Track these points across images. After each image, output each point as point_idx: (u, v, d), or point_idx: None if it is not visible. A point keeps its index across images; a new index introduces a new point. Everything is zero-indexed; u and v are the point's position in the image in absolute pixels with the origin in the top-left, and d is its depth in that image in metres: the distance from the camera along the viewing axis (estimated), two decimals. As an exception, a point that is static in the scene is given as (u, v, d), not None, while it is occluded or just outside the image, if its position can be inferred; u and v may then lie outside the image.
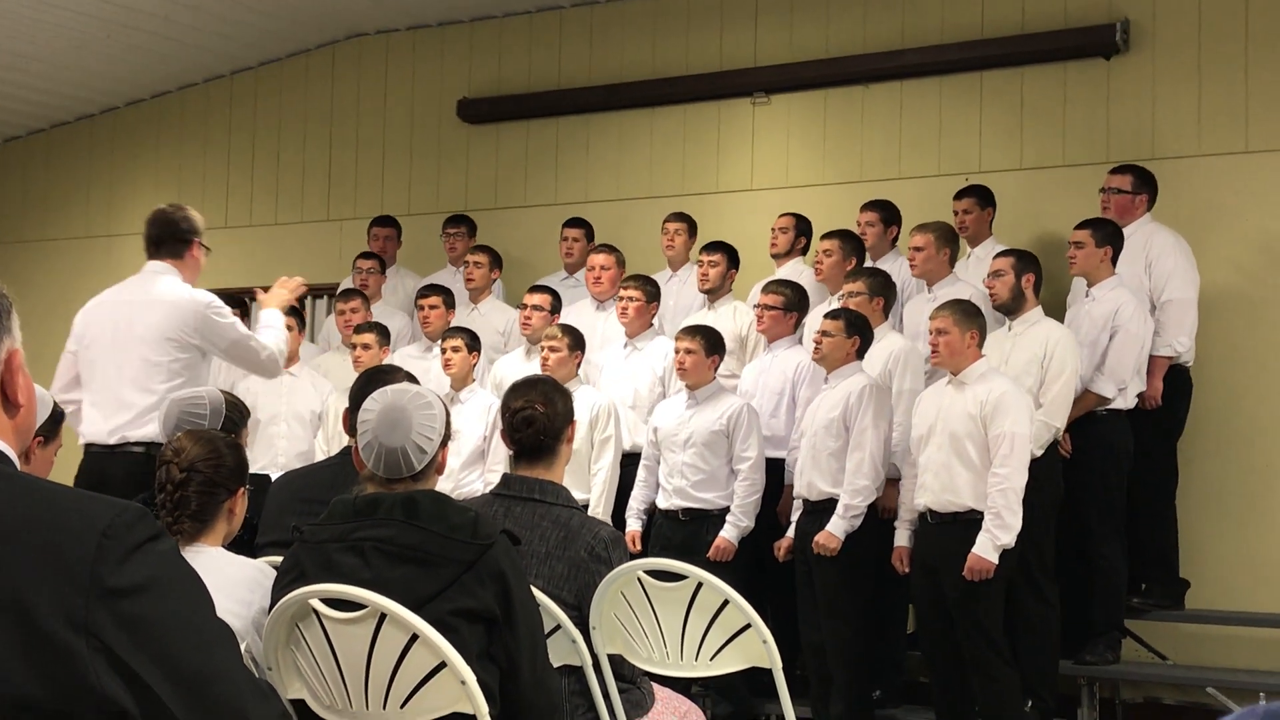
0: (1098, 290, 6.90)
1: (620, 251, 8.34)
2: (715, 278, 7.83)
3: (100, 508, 1.79)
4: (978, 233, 7.64)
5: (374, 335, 7.83)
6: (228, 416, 4.59)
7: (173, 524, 3.43)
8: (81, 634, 1.71)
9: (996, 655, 6.09)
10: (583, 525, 4.04)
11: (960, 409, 6.15)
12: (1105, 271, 6.90)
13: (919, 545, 6.36)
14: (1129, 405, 6.82)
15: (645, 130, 9.42)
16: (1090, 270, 6.91)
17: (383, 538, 3.19)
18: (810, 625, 6.64)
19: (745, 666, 4.14)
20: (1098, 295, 6.89)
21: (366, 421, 3.36)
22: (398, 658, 3.08)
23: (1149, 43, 7.96)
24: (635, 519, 7.15)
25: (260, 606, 3.36)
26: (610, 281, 8.17)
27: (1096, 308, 6.85)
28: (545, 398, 4.14)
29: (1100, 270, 6.90)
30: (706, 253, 7.92)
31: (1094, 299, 6.90)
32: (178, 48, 10.28)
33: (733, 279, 7.91)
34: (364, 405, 3.42)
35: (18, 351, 1.93)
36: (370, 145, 10.39)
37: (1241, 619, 7.24)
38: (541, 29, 9.81)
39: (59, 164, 11.60)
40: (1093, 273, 6.92)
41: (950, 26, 8.49)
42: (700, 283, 7.91)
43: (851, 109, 8.78)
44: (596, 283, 8.19)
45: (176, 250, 5.96)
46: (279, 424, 7.90)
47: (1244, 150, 7.65)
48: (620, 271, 8.21)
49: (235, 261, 10.67)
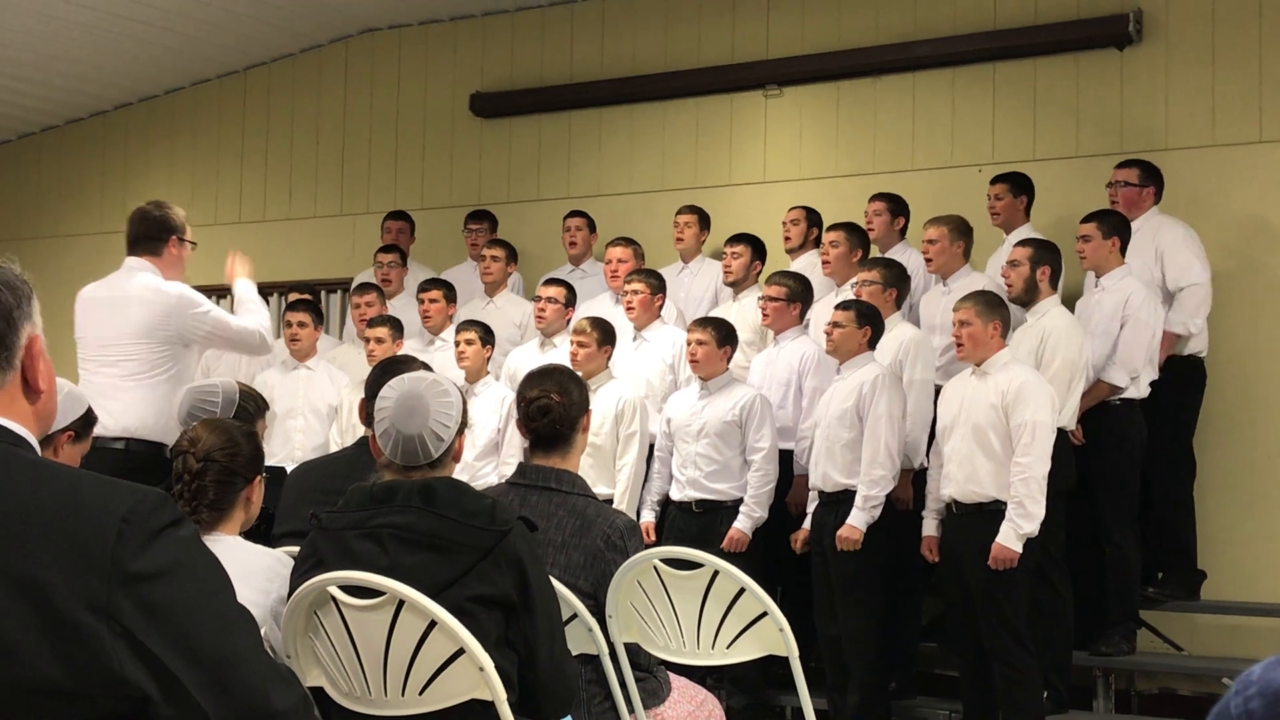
0: (1107, 280, 6.89)
1: (638, 244, 8.35)
2: (739, 269, 7.85)
3: (121, 493, 1.80)
4: (1011, 219, 7.50)
5: (387, 329, 7.83)
6: (241, 406, 4.62)
7: (190, 513, 3.44)
8: (103, 618, 1.72)
9: (1019, 645, 6.07)
10: (598, 514, 4.04)
11: (983, 399, 6.13)
12: (1114, 262, 6.89)
13: (945, 536, 6.35)
14: (1142, 395, 6.81)
15: (658, 123, 9.42)
16: (1100, 262, 6.90)
17: (400, 524, 3.19)
18: (826, 617, 6.63)
19: (762, 655, 4.15)
20: (1107, 285, 6.88)
21: (384, 409, 3.37)
22: (416, 644, 3.09)
23: (1161, 33, 7.94)
24: (649, 510, 7.15)
25: (279, 595, 3.37)
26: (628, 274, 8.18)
27: (1106, 298, 6.84)
28: (561, 387, 4.15)
29: (1109, 261, 6.89)
30: (730, 244, 7.93)
31: (1104, 289, 6.89)
32: (191, 44, 10.30)
33: (758, 270, 7.91)
34: (381, 393, 3.42)
35: (39, 337, 1.95)
36: (383, 140, 10.40)
37: (1258, 609, 7.22)
38: (553, 23, 9.82)
39: (74, 160, 11.64)
40: (1102, 264, 6.90)
41: (962, 18, 8.48)
42: (725, 274, 7.93)
43: (864, 101, 8.78)
44: (614, 276, 8.19)
45: (153, 247, 6.08)
46: (296, 417, 7.92)
47: (1257, 140, 7.64)
48: (639, 264, 8.22)
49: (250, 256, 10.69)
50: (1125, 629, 6.78)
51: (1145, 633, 7.08)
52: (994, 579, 6.03)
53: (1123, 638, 6.75)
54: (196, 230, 8.96)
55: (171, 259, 6.11)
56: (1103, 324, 6.77)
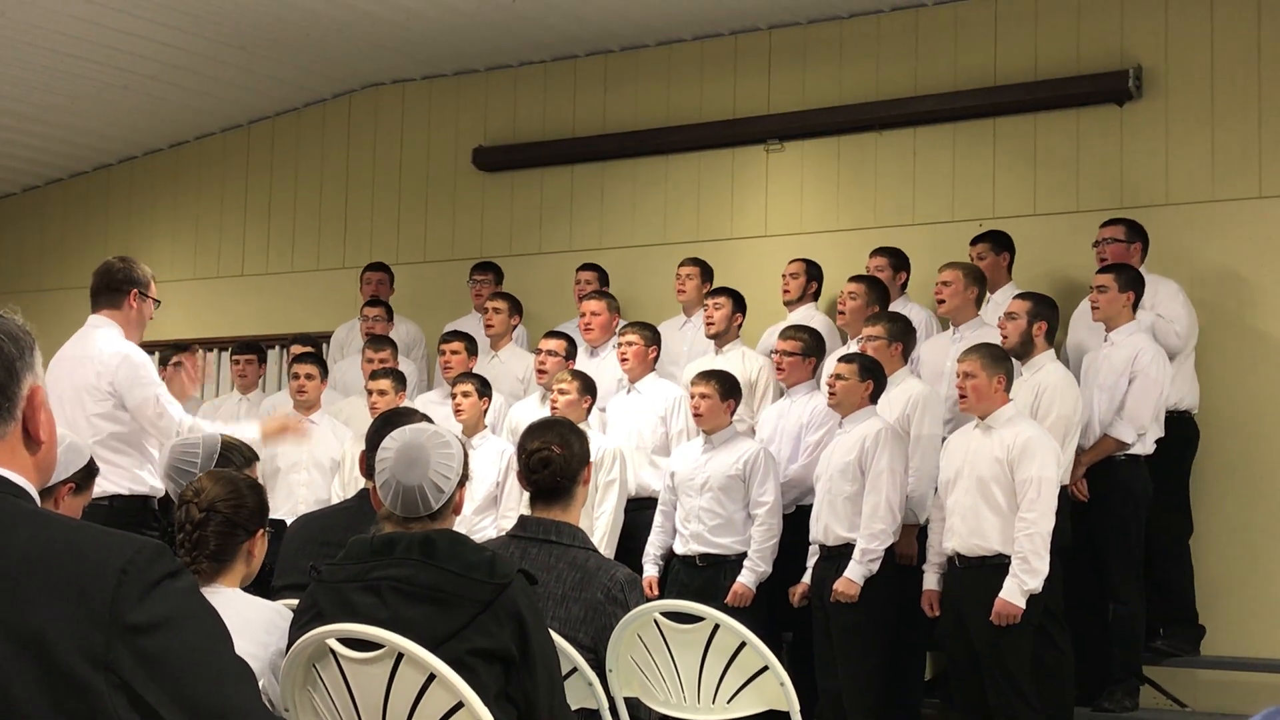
0: (1117, 335, 6.90)
1: (613, 298, 8.39)
2: (720, 321, 7.83)
3: (119, 544, 1.79)
4: (995, 278, 7.60)
5: (390, 381, 7.83)
6: (225, 458, 4.59)
7: (190, 564, 3.43)
8: (101, 670, 1.71)
9: (1023, 701, 6.03)
10: (599, 567, 4.02)
11: (988, 453, 6.13)
12: (1126, 316, 6.90)
13: (948, 590, 6.33)
14: (1148, 451, 6.80)
15: (660, 177, 9.46)
16: (1113, 315, 6.91)
17: (400, 577, 3.18)
18: (827, 672, 6.60)
19: (763, 709, 4.13)
20: (1117, 340, 6.89)
21: (384, 460, 3.37)
22: (415, 698, 3.07)
23: (1161, 89, 7.99)
24: (652, 564, 7.12)
25: (277, 648, 3.35)
26: (601, 328, 8.23)
27: (1116, 353, 6.84)
28: (562, 439, 4.15)
29: (1121, 315, 6.90)
30: (711, 296, 7.94)
31: (1113, 344, 6.89)
32: (195, 98, 10.36)
33: (739, 323, 7.91)
34: (382, 444, 3.42)
35: (40, 388, 1.95)
36: (386, 194, 10.44)
37: (1259, 665, 7.19)
38: (556, 77, 9.87)
39: (77, 213, 11.67)
40: (1115, 317, 6.91)
41: (963, 73, 8.53)
42: (706, 327, 7.93)
43: (865, 155, 8.81)
44: (588, 330, 8.25)
45: (114, 300, 6.05)
46: (299, 471, 7.90)
47: (1257, 195, 7.66)
48: (612, 318, 8.26)
49: (253, 309, 10.73)
50: (1129, 685, 6.75)
51: (1149, 689, 7.04)
52: (998, 634, 6.00)
53: (1126, 694, 6.72)
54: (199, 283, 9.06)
55: (132, 315, 6.05)
56: (1111, 379, 6.77)
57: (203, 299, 10.80)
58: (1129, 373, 6.76)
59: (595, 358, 8.22)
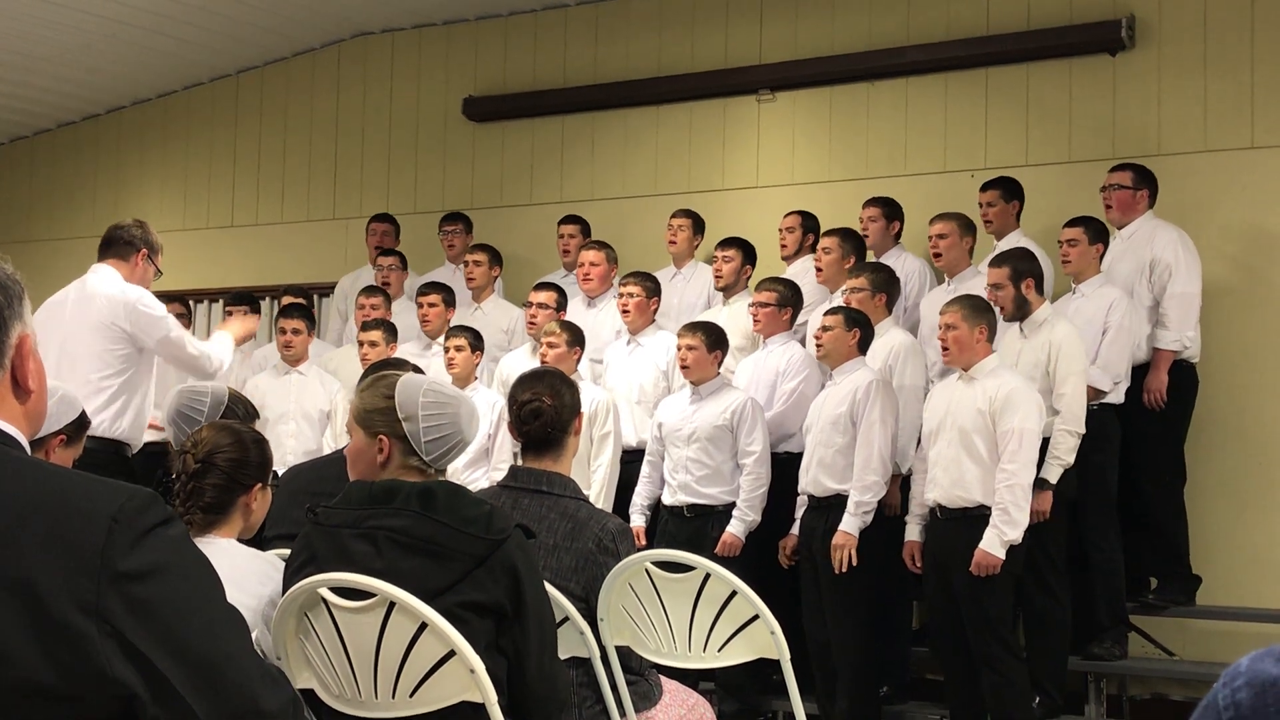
0: (1086, 287, 6.92)
1: (611, 248, 8.36)
2: (729, 274, 7.84)
3: (111, 492, 1.80)
4: (1003, 226, 7.53)
5: (381, 332, 7.81)
6: (230, 409, 4.60)
7: (183, 514, 3.42)
8: (93, 618, 1.72)
9: (1005, 650, 6.08)
10: (590, 517, 4.04)
11: (970, 404, 6.14)
12: (1094, 269, 6.93)
13: (929, 541, 6.35)
14: (1119, 400, 6.81)
15: (651, 128, 9.42)
16: (1083, 267, 6.93)
17: (396, 528, 3.18)
18: (816, 622, 6.63)
19: (753, 658, 4.14)
20: (1086, 292, 6.90)
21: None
22: (406, 646, 3.08)
23: (1154, 39, 7.96)
24: (639, 514, 7.14)
25: (270, 598, 3.35)
26: (599, 278, 8.20)
27: (1087, 304, 6.84)
28: (553, 390, 4.15)
29: (1091, 268, 6.92)
30: (721, 248, 7.92)
31: (1083, 295, 6.90)
32: (183, 47, 10.30)
33: (748, 275, 7.90)
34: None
35: (29, 336, 1.94)
36: (376, 144, 10.40)
37: (1249, 615, 7.22)
38: (547, 27, 9.82)
39: (66, 163, 11.62)
40: (1085, 269, 6.94)
41: (955, 23, 8.49)
42: (715, 279, 7.92)
43: (857, 106, 8.78)
44: (586, 280, 8.22)
45: (122, 253, 6.20)
46: (287, 423, 7.90)
47: (1249, 145, 7.65)
48: (610, 268, 8.24)
49: (241, 260, 10.70)
50: (1116, 633, 6.78)
51: (1136, 638, 7.08)
52: (978, 584, 6.03)
53: (1114, 641, 6.75)
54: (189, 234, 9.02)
55: (136, 271, 6.20)
56: (1084, 330, 6.77)
57: (194, 250, 10.76)
58: (1103, 324, 6.76)
59: (593, 308, 8.20)
